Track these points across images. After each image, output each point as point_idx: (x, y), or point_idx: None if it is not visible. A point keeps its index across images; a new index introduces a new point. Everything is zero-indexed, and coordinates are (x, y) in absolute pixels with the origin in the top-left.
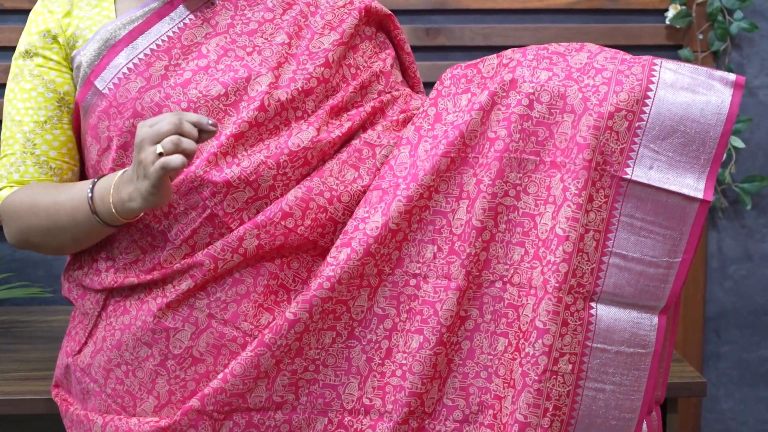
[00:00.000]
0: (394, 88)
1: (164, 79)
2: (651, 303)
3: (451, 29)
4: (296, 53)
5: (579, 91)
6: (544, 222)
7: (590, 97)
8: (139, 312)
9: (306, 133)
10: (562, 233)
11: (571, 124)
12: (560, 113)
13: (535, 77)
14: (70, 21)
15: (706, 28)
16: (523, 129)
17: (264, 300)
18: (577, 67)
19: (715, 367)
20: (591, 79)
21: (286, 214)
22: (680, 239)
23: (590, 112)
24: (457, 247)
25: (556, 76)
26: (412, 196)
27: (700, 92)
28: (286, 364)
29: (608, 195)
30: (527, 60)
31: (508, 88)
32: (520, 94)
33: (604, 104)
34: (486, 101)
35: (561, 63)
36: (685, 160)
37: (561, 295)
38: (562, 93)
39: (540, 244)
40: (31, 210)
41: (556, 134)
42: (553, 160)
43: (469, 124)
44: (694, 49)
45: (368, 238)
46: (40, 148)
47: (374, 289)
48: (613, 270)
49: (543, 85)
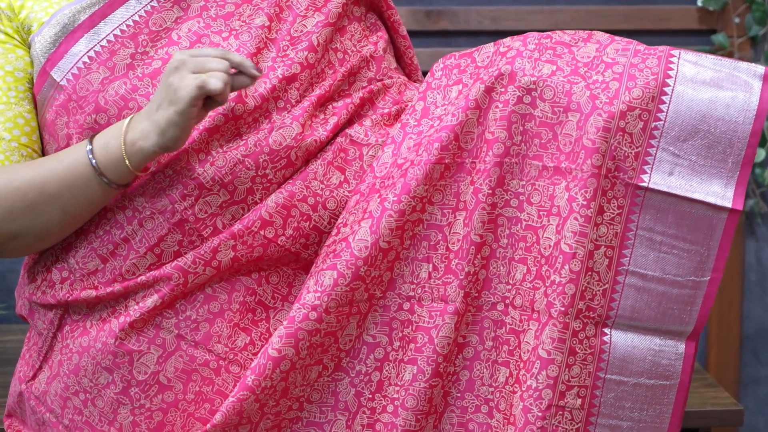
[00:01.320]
0: (386, 75)
1: (130, 69)
2: (676, 328)
3: (455, 11)
4: (276, 38)
5: (586, 88)
6: (547, 236)
7: (599, 95)
8: (99, 333)
9: (289, 129)
10: (569, 250)
11: (576, 125)
12: (564, 112)
13: (536, 70)
14: (24, 2)
15: (743, 11)
16: (526, 130)
17: (240, 319)
18: (585, 61)
19: (753, 392)
20: (600, 75)
21: (266, 222)
22: (708, 255)
23: (599, 111)
24: (454, 266)
25: (560, 70)
26: (404, 210)
27: (725, 87)
28: (271, 407)
29: (622, 206)
30: (528, 50)
31: (507, 81)
32: (520, 90)
33: (614, 102)
34: (482, 98)
35: (566, 55)
36: (710, 163)
37: (567, 320)
38: (567, 90)
39: (543, 262)
40: (8, 186)
41: (560, 136)
42: (557, 166)
43: (464, 124)
44: (729, 34)
45: (357, 259)
46: (10, 132)
47: (364, 315)
48: (629, 291)
49: (545, 80)
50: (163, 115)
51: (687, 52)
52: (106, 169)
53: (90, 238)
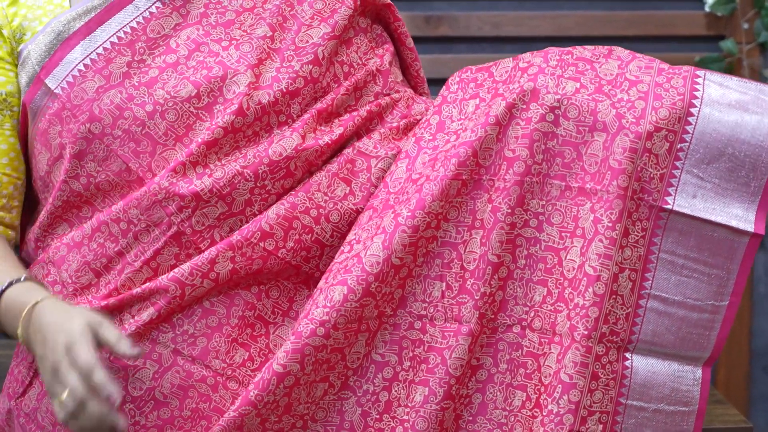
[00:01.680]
0: (393, 89)
1: (126, 77)
2: (694, 353)
3: (456, 17)
4: (280, 48)
5: (612, 107)
6: (571, 258)
7: (625, 114)
8: None
9: (289, 140)
10: (593, 272)
11: (602, 145)
12: (590, 131)
13: (560, 88)
14: (17, 10)
15: (752, 16)
16: (548, 149)
17: (238, 334)
18: (608, 78)
19: (763, 409)
20: (625, 93)
21: (266, 234)
22: (727, 279)
23: (626, 131)
24: (469, 286)
25: (584, 88)
26: (418, 225)
27: (751, 110)
28: (273, 423)
29: (646, 228)
30: (550, 66)
31: (529, 99)
32: (543, 108)
33: (641, 122)
34: (502, 114)
35: (589, 72)
36: (733, 187)
37: (591, 344)
38: (592, 108)
39: (566, 284)
40: None
41: (585, 156)
42: (582, 186)
43: (483, 141)
44: (738, 40)
45: (367, 275)
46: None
47: (373, 333)
48: (651, 315)
49: (570, 98)
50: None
51: (712, 73)
52: (3, 324)
53: (83, 252)
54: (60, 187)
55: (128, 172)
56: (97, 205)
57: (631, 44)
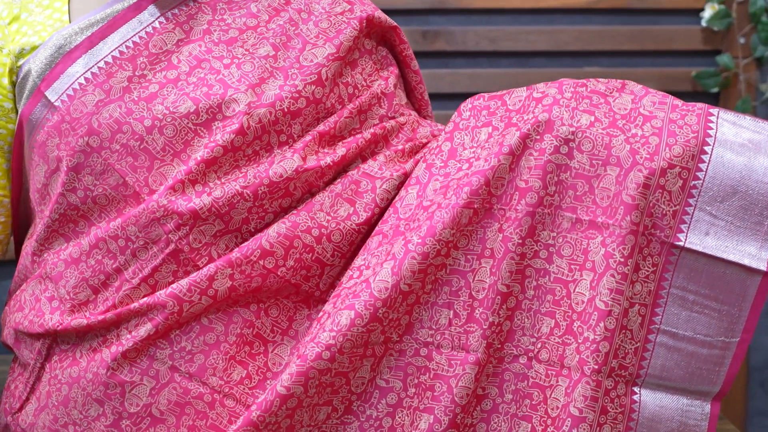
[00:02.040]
0: (398, 112)
1: (126, 92)
2: (703, 388)
3: (452, 32)
4: (284, 66)
5: (626, 141)
6: (580, 291)
7: (639, 150)
8: (89, 363)
9: (290, 161)
10: (605, 307)
11: (615, 179)
12: (603, 165)
13: (575, 120)
14: (18, 27)
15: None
16: (561, 181)
17: (236, 352)
18: (622, 113)
19: (760, 425)
20: (639, 128)
21: (266, 252)
22: (739, 316)
23: (640, 167)
24: (478, 315)
25: (598, 121)
26: (428, 253)
27: (764, 149)
28: None
29: (657, 264)
30: (564, 98)
31: (544, 130)
32: (558, 140)
33: (655, 159)
34: (516, 144)
35: (603, 106)
36: (746, 225)
37: (600, 378)
38: (606, 143)
39: (575, 317)
40: None
41: (597, 189)
42: (593, 220)
43: (496, 170)
44: (734, 55)
45: (375, 300)
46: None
47: (379, 358)
48: (660, 350)
49: (584, 131)
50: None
51: (726, 111)
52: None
53: (81, 268)
54: (57, 200)
55: (125, 186)
56: (93, 219)
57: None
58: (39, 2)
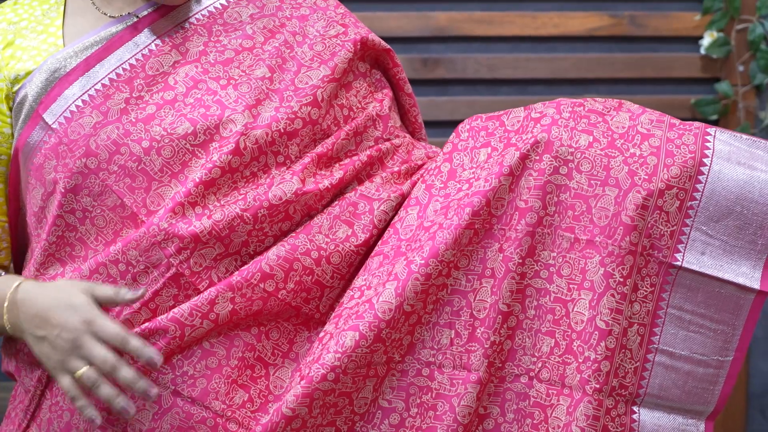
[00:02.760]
0: (393, 134)
1: (124, 113)
2: (698, 407)
3: (452, 59)
4: (279, 88)
5: (624, 163)
6: (579, 310)
7: (638, 171)
8: None
9: (289, 183)
10: (605, 326)
11: (614, 200)
12: (601, 186)
13: (573, 141)
14: (13, 52)
15: (748, 59)
16: (560, 201)
17: (238, 375)
18: (620, 132)
19: None
20: (637, 148)
21: (266, 275)
22: (732, 335)
23: (638, 188)
24: (479, 334)
25: (597, 142)
26: (431, 273)
27: (759, 168)
28: None
29: (655, 284)
30: (563, 118)
31: (543, 150)
32: (557, 160)
33: (653, 180)
34: (516, 164)
35: (601, 125)
36: (741, 245)
37: (602, 397)
38: (605, 164)
39: (574, 336)
40: None
41: (594, 209)
42: (590, 239)
43: (496, 191)
44: (733, 83)
45: (379, 321)
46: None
47: (381, 378)
48: (658, 369)
49: (583, 152)
50: (39, 351)
51: (722, 131)
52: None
53: None
54: (55, 221)
55: (123, 207)
56: (90, 243)
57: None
58: (33, 28)
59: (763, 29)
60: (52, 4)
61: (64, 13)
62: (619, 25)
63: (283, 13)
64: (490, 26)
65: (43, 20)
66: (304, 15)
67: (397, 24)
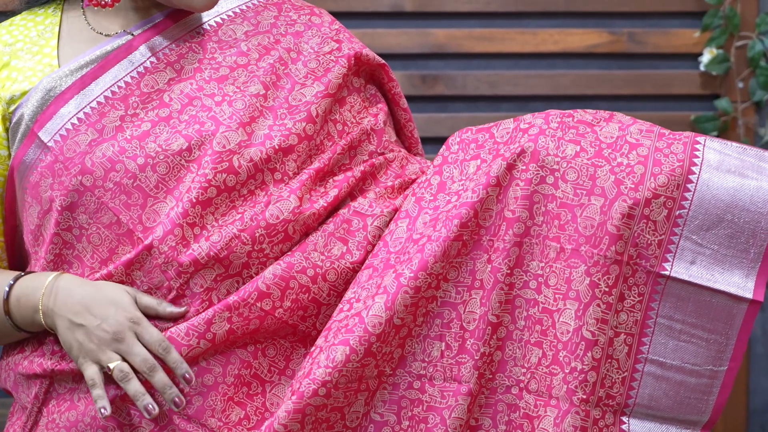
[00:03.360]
0: (387, 149)
1: (119, 131)
2: (692, 417)
3: (452, 76)
4: (273, 106)
5: (611, 172)
6: (564, 320)
7: (624, 180)
8: (87, 407)
9: (286, 202)
10: (591, 337)
11: (599, 209)
12: (587, 195)
13: (560, 150)
14: (8, 73)
15: (747, 75)
16: (548, 211)
17: (235, 393)
18: (608, 141)
19: None
20: (624, 158)
21: (263, 294)
22: (726, 344)
23: (624, 197)
24: (469, 346)
25: (584, 151)
26: (420, 286)
27: (750, 176)
28: None
29: (643, 293)
30: (551, 128)
31: (529, 160)
32: (544, 170)
33: (640, 188)
34: (503, 175)
35: (589, 135)
36: (732, 253)
37: (588, 408)
38: (591, 174)
39: (560, 347)
40: None
41: (580, 218)
42: (575, 248)
43: (484, 201)
44: (733, 99)
45: (370, 335)
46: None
47: (372, 392)
48: (648, 379)
49: (569, 161)
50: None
51: (712, 139)
52: (16, 319)
53: None
54: (52, 239)
55: (119, 224)
56: (86, 260)
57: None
58: (28, 49)
59: (763, 46)
60: (47, 25)
61: (59, 34)
62: (619, 42)
63: (278, 30)
64: (490, 43)
65: (38, 41)
66: (298, 32)
67: (396, 41)
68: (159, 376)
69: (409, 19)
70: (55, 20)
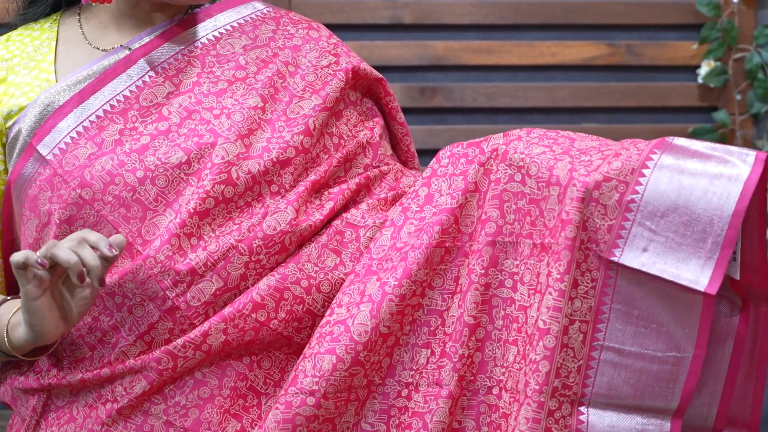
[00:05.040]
0: (382, 162)
1: (118, 144)
2: (657, 404)
3: (450, 88)
4: (271, 119)
5: (569, 163)
6: (531, 314)
7: (578, 168)
8: (85, 420)
9: (284, 213)
10: (543, 326)
11: (557, 198)
12: (546, 186)
13: (528, 149)
14: (5, 89)
15: (745, 87)
16: (519, 209)
17: (230, 405)
18: (581, 147)
19: None
20: (588, 156)
21: (258, 305)
22: (689, 332)
23: (575, 181)
24: (448, 349)
25: (551, 151)
26: (405, 294)
27: (711, 164)
28: None
29: (596, 278)
30: (529, 137)
31: (499, 160)
32: (512, 168)
33: (591, 174)
34: (480, 180)
35: (564, 143)
36: (688, 242)
37: (543, 399)
38: (551, 165)
39: (527, 341)
40: None
41: (545, 211)
42: (543, 242)
43: (463, 207)
44: (731, 111)
45: (356, 344)
46: None
47: (362, 402)
48: (605, 367)
49: (534, 158)
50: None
51: (680, 137)
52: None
53: (78, 326)
54: None
55: None
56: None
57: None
58: (25, 64)
59: (761, 58)
60: (44, 40)
61: (56, 49)
62: (617, 55)
63: (276, 43)
64: (488, 55)
65: (35, 56)
66: (296, 45)
67: (395, 53)
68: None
69: (407, 32)
70: (52, 35)
